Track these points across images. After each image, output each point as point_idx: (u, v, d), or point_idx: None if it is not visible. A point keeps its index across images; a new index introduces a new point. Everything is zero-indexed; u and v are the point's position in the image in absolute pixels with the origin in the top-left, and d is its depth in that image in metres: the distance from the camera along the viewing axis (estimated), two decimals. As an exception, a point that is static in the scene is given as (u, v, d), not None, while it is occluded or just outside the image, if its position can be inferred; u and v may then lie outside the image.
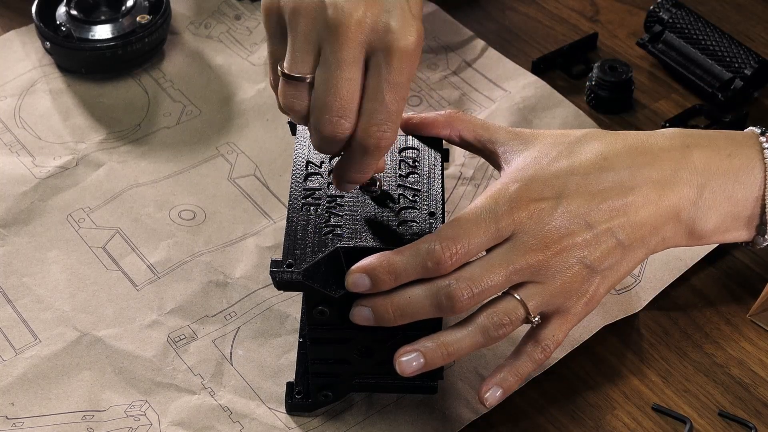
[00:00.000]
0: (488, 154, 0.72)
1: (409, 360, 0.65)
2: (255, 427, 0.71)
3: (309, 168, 0.71)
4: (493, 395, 0.66)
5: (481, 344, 0.65)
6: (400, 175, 0.70)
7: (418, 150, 0.72)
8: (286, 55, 0.63)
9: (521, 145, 0.70)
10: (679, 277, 0.79)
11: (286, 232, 0.67)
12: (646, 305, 0.78)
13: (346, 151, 0.64)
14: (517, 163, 0.68)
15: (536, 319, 0.66)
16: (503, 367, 0.67)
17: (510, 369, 0.67)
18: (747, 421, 0.72)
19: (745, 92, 0.92)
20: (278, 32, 0.64)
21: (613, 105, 0.93)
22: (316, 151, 0.72)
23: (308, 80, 0.62)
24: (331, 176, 0.68)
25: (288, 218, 0.68)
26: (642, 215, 0.66)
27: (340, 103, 0.62)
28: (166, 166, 0.88)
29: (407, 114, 0.73)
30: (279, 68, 0.63)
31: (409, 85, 0.63)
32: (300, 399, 0.71)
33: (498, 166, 0.71)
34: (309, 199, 0.69)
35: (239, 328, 0.77)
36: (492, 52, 0.98)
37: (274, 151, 0.90)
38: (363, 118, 0.62)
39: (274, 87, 0.65)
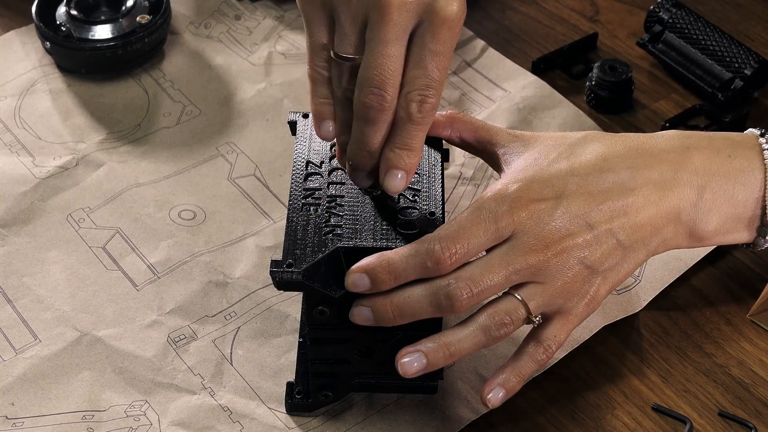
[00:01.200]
0: (488, 155, 0.72)
1: (411, 361, 0.65)
2: (255, 427, 0.71)
3: (309, 168, 0.71)
4: (495, 396, 0.66)
5: (483, 344, 0.65)
6: (400, 175, 0.70)
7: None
8: (338, 38, 0.65)
9: (521, 147, 0.70)
10: (679, 277, 0.79)
11: (286, 232, 0.67)
12: (646, 305, 0.78)
13: (392, 128, 0.66)
14: (517, 165, 0.68)
15: (537, 319, 0.66)
16: (505, 367, 0.67)
17: (512, 370, 0.67)
18: (747, 421, 0.72)
19: (745, 92, 0.92)
20: (320, 18, 0.66)
21: (613, 105, 0.93)
22: (316, 151, 0.72)
23: (357, 61, 0.65)
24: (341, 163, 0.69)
25: (288, 218, 0.68)
26: (642, 216, 0.66)
27: (383, 77, 0.64)
28: (166, 166, 0.88)
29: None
30: (332, 53, 0.65)
31: (450, 56, 0.65)
32: (300, 399, 0.71)
33: (498, 168, 0.71)
34: (309, 199, 0.69)
35: (239, 328, 0.77)
36: (492, 52, 0.98)
37: (274, 151, 0.90)
38: (406, 86, 0.65)
39: (316, 78, 0.67)
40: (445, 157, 0.73)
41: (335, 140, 0.69)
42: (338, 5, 0.65)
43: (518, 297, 0.65)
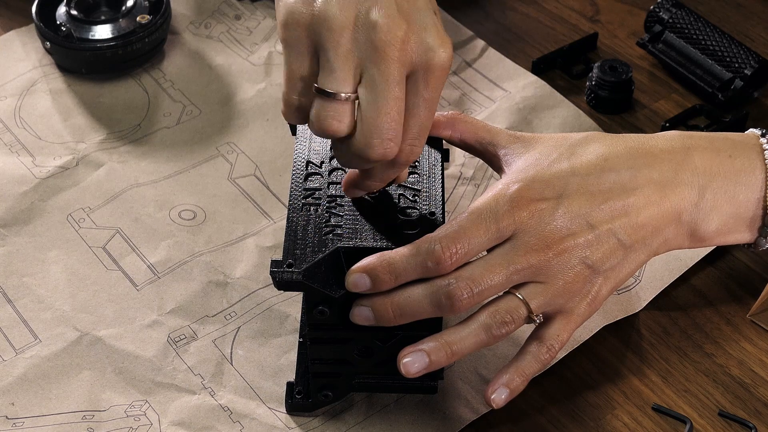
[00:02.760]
0: (489, 156, 0.72)
1: (413, 360, 0.65)
2: (255, 427, 0.71)
3: (309, 168, 0.71)
4: (499, 396, 0.66)
5: (484, 343, 0.65)
6: (401, 175, 0.70)
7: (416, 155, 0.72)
8: (324, 73, 0.62)
9: (522, 148, 0.70)
10: (679, 277, 0.79)
11: (286, 232, 0.67)
12: (646, 305, 0.78)
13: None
14: (518, 165, 0.68)
15: (538, 318, 0.66)
16: (509, 367, 0.67)
17: (516, 369, 0.67)
18: (747, 421, 0.72)
19: (745, 92, 0.92)
20: (304, 48, 0.62)
21: (613, 105, 0.93)
22: (316, 151, 0.72)
23: (352, 99, 0.62)
24: (342, 183, 0.69)
25: (288, 218, 0.68)
26: (643, 216, 0.66)
27: (391, 124, 0.62)
28: (166, 166, 0.88)
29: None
30: (314, 86, 0.62)
31: (439, 99, 0.65)
32: (300, 399, 0.71)
33: (499, 169, 0.71)
34: (309, 199, 0.69)
35: (239, 328, 0.77)
36: (492, 52, 0.98)
37: (274, 151, 0.90)
38: (404, 133, 0.64)
39: (291, 104, 0.64)
40: (445, 157, 0.73)
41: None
42: (327, 38, 0.61)
43: (519, 296, 0.65)
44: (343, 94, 0.62)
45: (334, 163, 0.71)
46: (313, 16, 0.61)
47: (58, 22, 0.95)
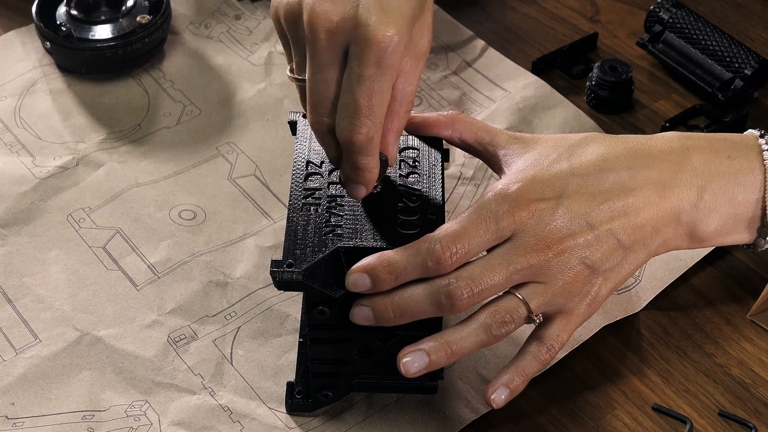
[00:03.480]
0: (488, 156, 0.72)
1: (413, 360, 0.65)
2: (255, 427, 0.71)
3: (309, 168, 0.71)
4: (499, 396, 0.66)
5: (484, 343, 0.65)
6: (400, 175, 0.70)
7: (418, 150, 0.72)
8: (292, 60, 0.68)
9: (522, 149, 0.70)
10: (679, 277, 0.79)
11: (286, 232, 0.67)
12: (646, 305, 0.78)
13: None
14: (518, 165, 0.68)
15: (538, 318, 0.66)
16: (509, 367, 0.67)
17: (516, 369, 0.67)
18: (747, 421, 0.72)
19: (745, 92, 0.92)
20: (284, 41, 0.69)
21: (613, 105, 0.93)
22: (316, 151, 0.72)
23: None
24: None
25: (288, 218, 0.68)
26: (643, 216, 0.66)
27: (316, 99, 0.66)
28: (166, 166, 0.88)
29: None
30: (288, 73, 0.68)
31: (385, 79, 0.64)
32: (300, 399, 0.71)
33: (498, 169, 0.71)
34: (309, 199, 0.69)
35: (239, 328, 0.77)
36: (492, 52, 0.98)
37: (274, 151, 0.90)
38: (337, 114, 0.65)
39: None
40: (445, 157, 0.73)
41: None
42: (287, 30, 0.67)
43: (519, 296, 0.65)
44: (300, 77, 0.67)
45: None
46: (276, 8, 0.68)
47: (58, 22, 0.95)
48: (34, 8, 0.95)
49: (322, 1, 0.64)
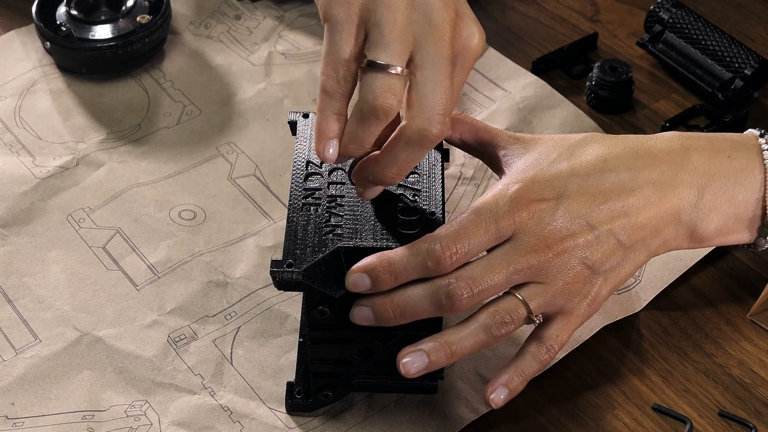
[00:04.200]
0: (488, 157, 0.72)
1: (413, 360, 0.65)
2: (255, 427, 0.71)
3: (309, 168, 0.71)
4: (498, 396, 0.66)
5: (484, 343, 0.65)
6: (401, 175, 0.70)
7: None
8: (378, 48, 0.61)
9: (522, 149, 0.70)
10: (679, 277, 0.79)
11: (286, 232, 0.67)
12: (646, 305, 0.78)
13: (388, 149, 0.64)
14: (518, 166, 0.68)
15: (538, 318, 0.66)
16: (508, 367, 0.67)
17: (515, 369, 0.67)
18: (747, 421, 0.72)
19: (745, 92, 0.92)
20: (352, 26, 0.62)
21: (613, 105, 0.93)
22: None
23: (405, 75, 0.62)
24: (356, 182, 0.67)
25: (288, 218, 0.68)
26: (643, 217, 0.66)
27: (447, 101, 0.63)
28: (166, 166, 0.88)
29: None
30: (366, 60, 0.61)
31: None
32: (300, 399, 0.71)
33: (498, 170, 0.71)
34: (309, 199, 0.69)
35: (239, 328, 0.77)
36: (492, 52, 0.98)
37: (274, 151, 0.90)
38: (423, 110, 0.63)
39: (330, 90, 0.63)
40: (445, 157, 0.73)
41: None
42: (382, 15, 0.61)
43: (519, 296, 0.65)
44: (398, 68, 0.61)
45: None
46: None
47: (58, 22, 0.95)
48: (34, 8, 0.95)
49: (440, 0, 0.64)
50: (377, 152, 0.65)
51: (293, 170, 0.71)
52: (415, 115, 0.62)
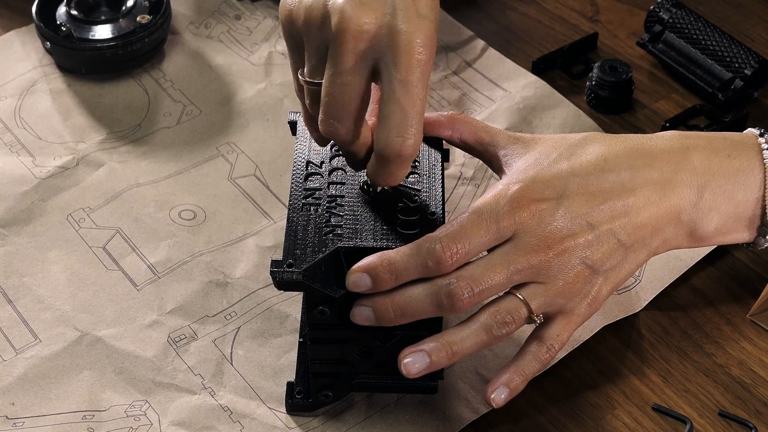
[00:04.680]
0: (489, 157, 0.72)
1: (414, 361, 0.65)
2: (255, 427, 0.71)
3: (309, 168, 0.71)
4: (499, 396, 0.66)
5: (485, 343, 0.65)
6: (401, 175, 0.70)
7: (418, 150, 0.72)
8: (306, 65, 0.65)
9: (522, 149, 0.70)
10: (679, 277, 0.79)
11: (286, 232, 0.67)
12: (646, 305, 0.78)
13: (373, 157, 0.65)
14: (518, 166, 0.68)
15: (539, 318, 0.66)
16: (509, 367, 0.67)
17: (516, 369, 0.67)
18: (747, 421, 0.72)
19: (745, 92, 0.92)
20: (294, 43, 0.66)
21: (613, 105, 0.93)
22: (316, 151, 0.72)
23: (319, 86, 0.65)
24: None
25: (288, 218, 0.68)
26: (643, 216, 0.66)
27: (335, 106, 0.63)
28: (166, 166, 0.88)
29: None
30: (300, 76, 0.66)
31: (425, 85, 0.63)
32: (300, 399, 0.71)
33: (498, 170, 0.71)
34: (309, 199, 0.69)
35: (239, 328, 0.77)
36: (492, 52, 0.98)
37: (274, 151, 0.90)
38: (380, 125, 0.63)
39: (299, 94, 0.68)
40: (445, 157, 0.73)
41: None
42: (303, 34, 0.65)
43: (520, 296, 0.65)
44: (315, 81, 0.65)
45: (334, 163, 0.71)
46: (291, 11, 0.65)
47: (58, 22, 0.95)
48: (34, 8, 0.95)
49: (355, 5, 0.62)
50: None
51: (293, 170, 0.71)
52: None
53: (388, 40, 0.62)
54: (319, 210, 0.68)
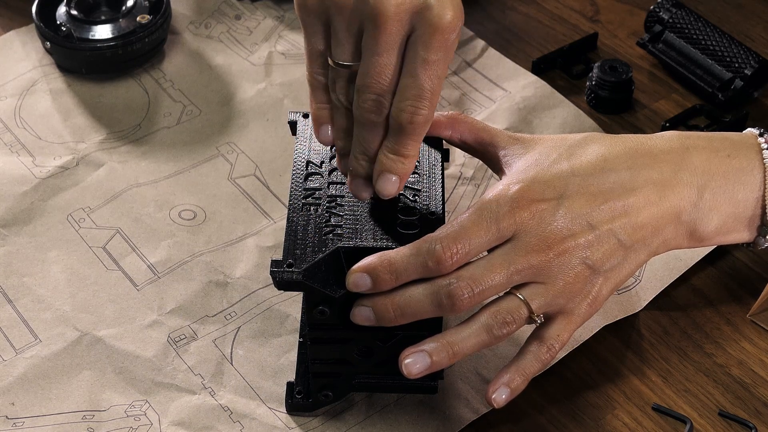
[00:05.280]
0: (489, 157, 0.72)
1: (415, 361, 0.65)
2: (255, 427, 0.71)
3: (309, 168, 0.71)
4: (500, 396, 0.66)
5: (486, 343, 0.65)
6: (401, 175, 0.70)
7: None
8: (334, 47, 0.65)
9: (522, 149, 0.70)
10: (679, 277, 0.79)
11: (286, 232, 0.67)
12: (646, 305, 0.78)
13: (387, 134, 0.66)
14: (518, 166, 0.68)
15: (539, 318, 0.66)
16: (509, 367, 0.67)
17: (516, 369, 0.67)
18: (747, 421, 0.72)
19: (745, 92, 0.92)
20: (318, 27, 0.66)
21: (613, 105, 0.93)
22: (316, 151, 0.72)
23: (354, 68, 0.65)
24: (349, 182, 0.68)
25: (288, 218, 0.68)
26: (643, 216, 0.66)
27: (379, 84, 0.64)
28: (166, 166, 0.88)
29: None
30: (329, 60, 0.66)
31: (446, 64, 0.65)
32: (300, 399, 0.71)
33: (498, 170, 0.71)
34: (309, 199, 0.69)
35: (239, 328, 0.77)
36: (492, 52, 0.98)
37: (274, 151, 0.90)
38: (397, 95, 0.64)
39: (315, 83, 0.68)
40: (445, 157, 0.73)
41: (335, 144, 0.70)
42: (334, 14, 0.64)
43: (520, 296, 0.65)
44: (346, 63, 0.65)
45: (335, 163, 0.71)
46: None
47: (58, 22, 0.95)
48: (34, 8, 0.95)
49: None
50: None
51: (293, 170, 0.71)
52: (355, 98, 0.66)
53: (421, 17, 0.63)
54: (319, 210, 0.68)
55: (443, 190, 0.70)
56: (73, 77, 0.96)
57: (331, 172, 0.71)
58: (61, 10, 0.96)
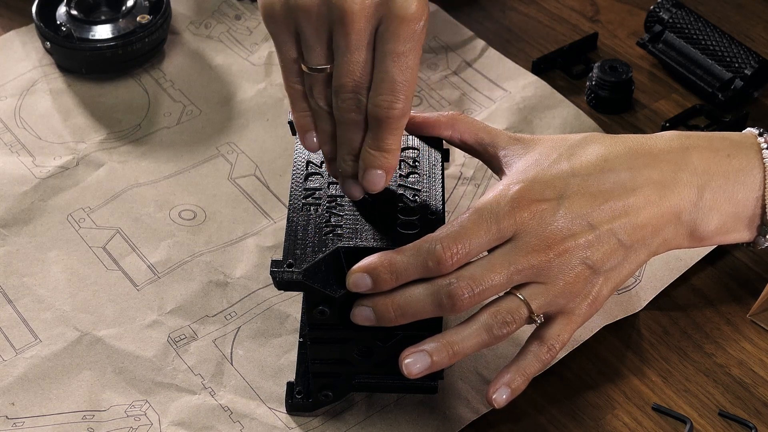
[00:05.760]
0: (489, 157, 0.72)
1: (415, 361, 0.65)
2: (255, 427, 0.71)
3: (309, 168, 0.71)
4: (500, 396, 0.66)
5: (486, 343, 0.65)
6: (401, 175, 0.70)
7: (418, 150, 0.72)
8: (306, 52, 0.65)
9: (522, 149, 0.70)
10: (679, 277, 0.79)
11: (286, 232, 0.67)
12: (646, 305, 0.78)
13: (368, 130, 0.66)
14: (518, 166, 0.68)
15: (539, 318, 0.66)
16: (510, 367, 0.67)
17: (517, 369, 0.67)
18: (747, 421, 0.72)
19: (745, 92, 0.92)
20: (287, 33, 0.66)
21: (613, 105, 0.93)
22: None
23: (328, 71, 0.65)
24: (340, 184, 0.69)
25: (288, 218, 0.68)
26: (643, 216, 0.66)
27: (355, 82, 0.64)
28: (166, 166, 0.88)
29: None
30: (303, 67, 0.65)
31: (416, 55, 0.65)
32: (300, 399, 0.71)
33: (498, 170, 0.71)
34: (309, 199, 0.69)
35: (239, 328, 0.77)
36: (492, 52, 0.98)
37: (274, 151, 0.90)
38: (371, 91, 0.65)
39: (294, 91, 0.67)
40: (445, 157, 0.73)
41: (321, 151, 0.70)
42: (301, 20, 0.64)
43: (520, 296, 0.65)
44: (320, 67, 0.65)
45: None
46: (286, 2, 0.64)
47: (58, 22, 0.95)
48: (34, 8, 0.95)
49: None
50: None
51: (293, 170, 0.71)
52: (333, 99, 0.66)
53: (385, 10, 0.63)
54: (319, 210, 0.68)
55: (443, 190, 0.70)
56: (73, 77, 0.96)
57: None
58: (61, 10, 0.96)
